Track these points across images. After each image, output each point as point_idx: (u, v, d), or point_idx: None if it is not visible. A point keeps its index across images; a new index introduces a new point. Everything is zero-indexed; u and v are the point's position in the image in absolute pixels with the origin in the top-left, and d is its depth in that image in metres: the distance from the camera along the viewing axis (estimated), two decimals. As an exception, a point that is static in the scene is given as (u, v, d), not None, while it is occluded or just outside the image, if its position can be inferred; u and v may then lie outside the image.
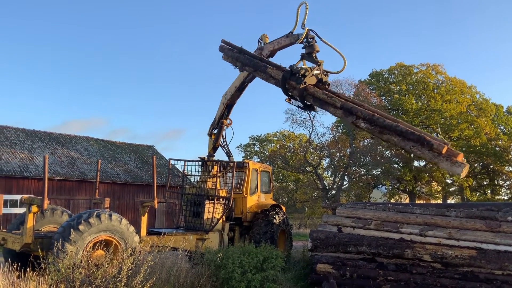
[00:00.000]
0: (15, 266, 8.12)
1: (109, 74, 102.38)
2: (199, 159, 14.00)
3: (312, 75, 11.31)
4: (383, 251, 10.80)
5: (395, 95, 45.75)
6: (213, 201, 12.57)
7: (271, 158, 47.43)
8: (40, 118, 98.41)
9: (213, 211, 12.44)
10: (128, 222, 9.31)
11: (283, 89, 11.62)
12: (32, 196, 9.15)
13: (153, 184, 10.17)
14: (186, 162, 13.64)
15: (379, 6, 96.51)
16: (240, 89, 13.73)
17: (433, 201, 45.56)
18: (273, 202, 15.53)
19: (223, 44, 13.41)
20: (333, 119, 49.43)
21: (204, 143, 14.55)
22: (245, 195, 14.52)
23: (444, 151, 8.90)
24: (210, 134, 14.83)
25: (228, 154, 15.16)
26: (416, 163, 46.93)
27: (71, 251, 8.06)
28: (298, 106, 12.03)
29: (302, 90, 11.14)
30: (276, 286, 9.70)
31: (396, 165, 45.68)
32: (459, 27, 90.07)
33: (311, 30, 11.64)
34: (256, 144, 57.06)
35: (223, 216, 12.75)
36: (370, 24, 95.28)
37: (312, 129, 45.26)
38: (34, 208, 8.65)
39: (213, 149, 14.48)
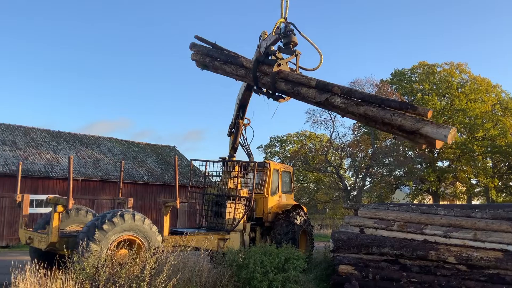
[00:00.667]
0: (42, 264, 8.30)
1: (136, 75, 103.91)
2: (220, 159, 14.05)
3: (287, 62, 11.26)
4: (406, 253, 10.67)
5: (418, 95, 45.13)
6: (234, 201, 12.61)
7: (291, 158, 47.34)
8: (66, 120, 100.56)
9: (234, 211, 12.48)
10: (151, 221, 9.40)
11: (254, 76, 11.53)
12: (58, 196, 9.34)
13: (175, 184, 10.24)
14: (208, 163, 13.72)
15: (402, 4, 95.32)
16: (249, 88, 13.65)
17: (457, 202, 44.76)
18: (294, 203, 15.48)
19: (195, 40, 13.24)
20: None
21: (226, 143, 14.58)
22: (266, 196, 14.52)
23: (429, 115, 8.61)
24: (229, 135, 14.87)
25: (249, 154, 15.18)
26: (440, 164, 46.24)
27: (96, 250, 8.19)
28: (267, 95, 11.94)
29: (275, 73, 11.05)
30: (297, 287, 9.66)
31: (419, 166, 45.07)
32: (483, 25, 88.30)
33: (291, 24, 11.61)
34: (277, 145, 57.04)
35: (244, 216, 12.78)
36: (393, 23, 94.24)
37: (333, 129, 45.08)
38: (60, 208, 8.79)
39: (233, 149, 14.52)
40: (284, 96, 12.20)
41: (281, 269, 9.60)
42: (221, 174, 13.76)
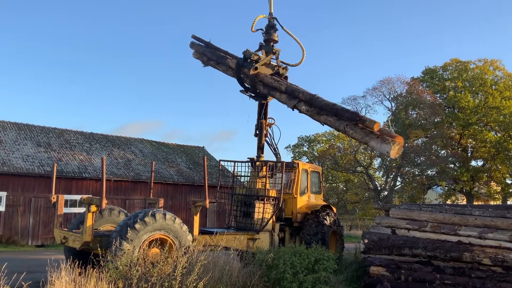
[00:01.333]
0: (76, 263, 8.49)
1: (167, 76, 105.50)
2: (248, 160, 14.09)
3: (266, 63, 11.22)
4: (439, 254, 10.46)
5: (451, 92, 44.10)
6: (263, 202, 12.63)
7: (320, 158, 46.97)
8: (99, 123, 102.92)
9: (263, 211, 12.49)
10: (181, 221, 9.52)
11: (238, 77, 11.58)
12: (91, 196, 9.52)
13: (205, 185, 10.32)
14: (236, 163, 13.77)
15: (433, 1, 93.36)
16: None
17: (492, 203, 43.51)
18: (324, 203, 15.38)
19: (193, 39, 13.39)
20: (384, 118, 48.37)
21: (255, 144, 14.59)
22: (295, 196, 14.47)
23: (375, 128, 8.55)
24: (256, 135, 14.88)
25: (276, 154, 15.14)
26: (473, 163, 45.06)
27: (128, 249, 8.34)
28: (251, 97, 11.94)
29: (253, 76, 11.07)
30: (328, 288, 9.60)
31: (452, 165, 44.03)
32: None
33: (274, 18, 11.60)
34: (305, 145, 56.68)
35: (273, 217, 12.77)
36: (424, 19, 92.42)
37: (363, 129, 44.51)
38: (93, 208, 8.98)
39: (260, 149, 14.51)
40: (267, 97, 12.28)
41: (311, 270, 9.55)
42: (249, 174, 13.80)
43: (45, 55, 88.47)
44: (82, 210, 12.64)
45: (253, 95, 11.81)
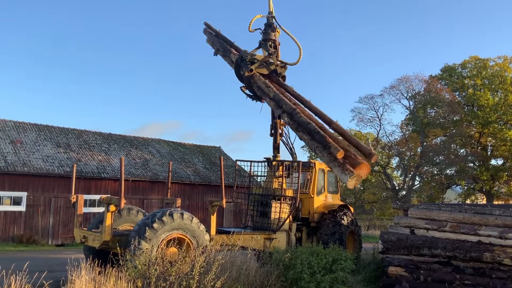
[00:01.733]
0: (96, 262, 8.60)
1: (186, 77, 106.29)
2: (265, 159, 14.08)
3: (263, 64, 11.19)
4: (459, 254, 10.32)
5: (470, 90, 43.46)
6: (279, 201, 12.62)
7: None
8: (118, 123, 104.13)
9: (279, 211, 12.48)
10: (198, 220, 9.57)
11: (237, 75, 11.58)
12: (110, 196, 9.60)
13: (221, 184, 10.36)
14: (252, 163, 13.78)
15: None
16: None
17: (513, 202, 42.72)
18: (341, 203, 15.29)
19: (205, 27, 13.46)
20: (402, 117, 47.86)
21: (271, 144, 14.57)
22: (312, 195, 14.42)
23: (339, 155, 8.63)
24: (271, 135, 14.85)
25: (292, 153, 15.10)
26: (493, 162, 44.31)
27: (147, 248, 8.42)
28: (249, 96, 11.92)
29: (248, 77, 11.08)
30: (345, 288, 9.55)
31: (471, 164, 43.36)
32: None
33: (273, 17, 11.61)
34: (322, 144, 56.36)
35: (290, 216, 12.75)
36: (442, 17, 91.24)
37: (380, 128, 44.18)
38: (112, 207, 9.08)
39: (275, 149, 14.48)
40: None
41: (329, 270, 9.51)
42: (266, 174, 13.80)
43: (66, 56, 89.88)
44: (101, 210, 12.80)
45: (251, 94, 11.85)
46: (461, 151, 43.38)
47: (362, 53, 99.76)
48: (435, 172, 43.03)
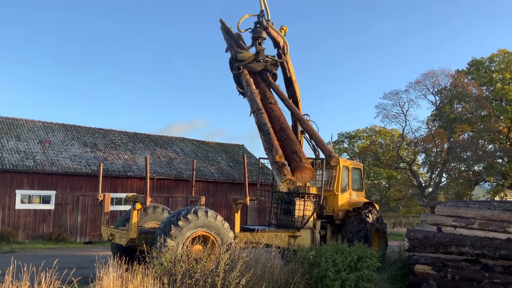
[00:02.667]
0: (123, 259, 8.74)
1: (211, 75, 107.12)
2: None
3: (253, 61, 11.37)
4: (488, 252, 10.09)
5: (498, 85, 42.38)
6: (303, 199, 12.57)
7: (361, 154, 46.22)
8: (145, 123, 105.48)
9: (303, 208, 12.43)
10: (222, 218, 9.62)
11: (233, 74, 11.79)
12: (136, 194, 9.68)
13: (245, 182, 10.38)
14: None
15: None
16: (286, 82, 13.59)
17: (544, 199, 41.50)
18: (366, 200, 15.14)
19: (221, 24, 13.65)
20: (428, 112, 47.06)
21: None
22: (336, 193, 14.32)
23: (277, 158, 9.10)
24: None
25: (315, 151, 15.01)
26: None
27: (172, 245, 8.52)
28: (241, 93, 12.01)
29: (237, 76, 11.32)
30: (371, 286, 9.44)
31: (500, 160, 42.28)
32: None
33: (262, 16, 11.74)
34: (345, 141, 55.92)
35: (314, 214, 12.69)
36: (470, 11, 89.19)
37: (405, 124, 43.55)
38: (138, 206, 9.22)
39: None
40: None
41: (354, 268, 9.42)
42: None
43: (94, 57, 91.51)
44: (127, 208, 13.00)
45: (243, 92, 12.02)
46: (489, 146, 42.35)
47: (389, 48, 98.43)
48: (463, 168, 42.17)
